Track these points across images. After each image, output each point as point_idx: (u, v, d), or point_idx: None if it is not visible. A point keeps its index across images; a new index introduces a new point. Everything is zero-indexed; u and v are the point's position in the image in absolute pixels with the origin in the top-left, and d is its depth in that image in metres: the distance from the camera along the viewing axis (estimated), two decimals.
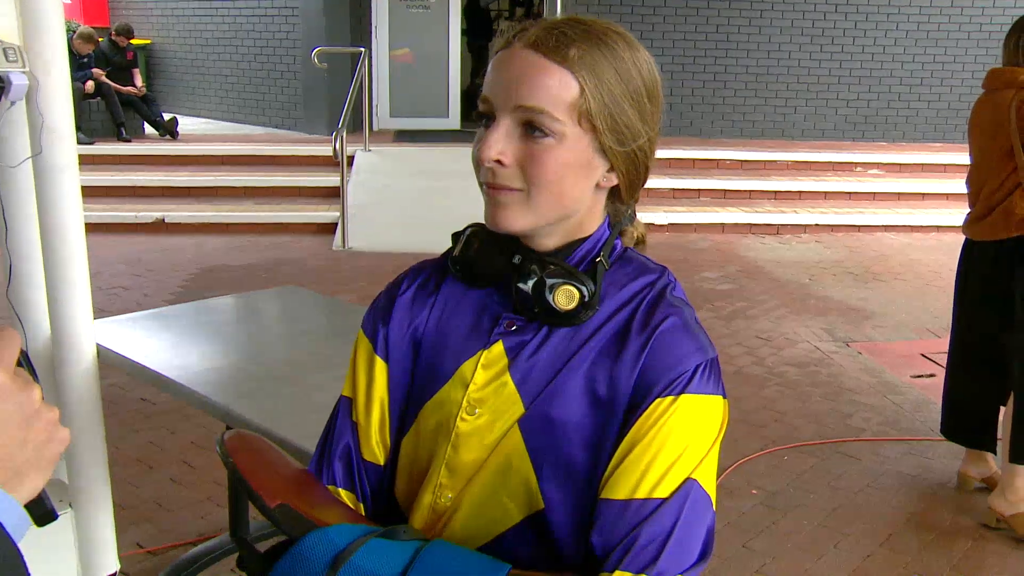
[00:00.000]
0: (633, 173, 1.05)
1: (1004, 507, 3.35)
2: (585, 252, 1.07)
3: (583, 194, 1.03)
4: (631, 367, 1.01)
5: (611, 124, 1.00)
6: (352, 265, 6.95)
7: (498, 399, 1.05)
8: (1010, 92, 3.26)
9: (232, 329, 3.10)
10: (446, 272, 1.14)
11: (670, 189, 8.76)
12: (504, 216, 1.02)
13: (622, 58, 1.01)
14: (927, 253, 7.79)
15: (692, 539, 0.96)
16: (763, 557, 3.16)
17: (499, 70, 1.01)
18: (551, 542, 1.04)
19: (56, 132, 2.31)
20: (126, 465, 3.65)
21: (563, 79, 0.98)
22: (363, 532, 0.97)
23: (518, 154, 0.99)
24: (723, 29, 10.51)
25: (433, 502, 1.08)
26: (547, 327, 1.05)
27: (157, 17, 12.17)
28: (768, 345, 5.36)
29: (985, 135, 3.38)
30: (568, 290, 1.02)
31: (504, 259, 1.07)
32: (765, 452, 3.94)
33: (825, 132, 10.80)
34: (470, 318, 1.10)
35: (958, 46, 10.74)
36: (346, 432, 1.13)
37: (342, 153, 7.35)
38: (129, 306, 5.60)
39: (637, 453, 0.98)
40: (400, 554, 0.95)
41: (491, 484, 1.05)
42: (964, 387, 3.60)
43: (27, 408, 0.74)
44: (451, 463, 1.07)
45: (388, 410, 1.13)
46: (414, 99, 10.43)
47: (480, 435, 1.05)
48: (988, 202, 3.36)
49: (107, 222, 7.53)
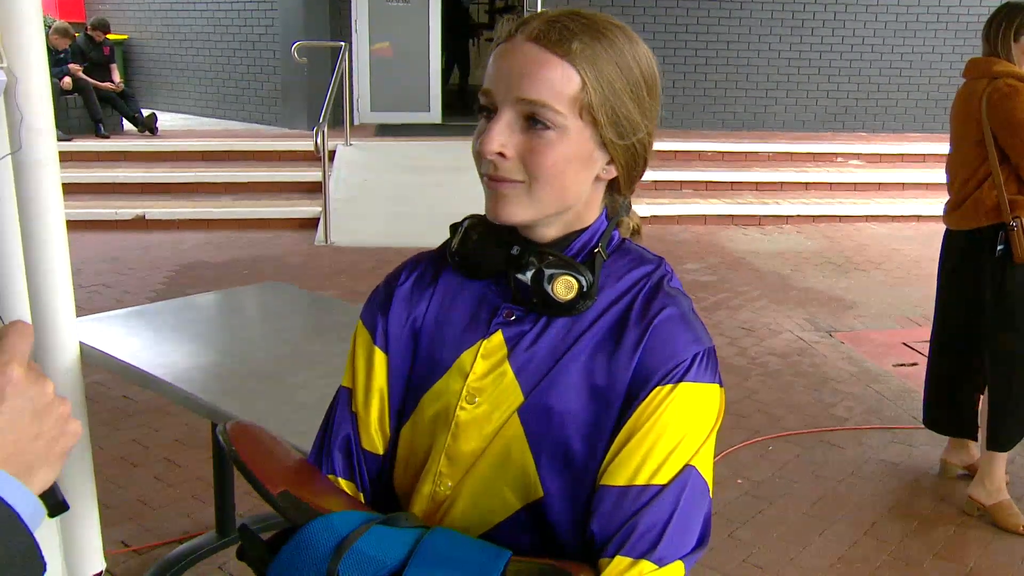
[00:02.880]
0: (632, 166, 1.07)
1: (983, 496, 3.38)
2: (583, 243, 1.08)
3: (583, 186, 1.05)
4: (629, 357, 1.02)
5: (612, 117, 1.01)
6: (335, 260, 6.93)
7: (497, 389, 1.06)
8: (983, 82, 3.28)
9: (215, 326, 3.08)
10: (444, 264, 1.15)
11: (652, 181, 8.77)
12: (505, 208, 1.03)
13: (622, 52, 1.02)
14: (907, 243, 7.85)
15: (691, 525, 0.99)
16: (749, 547, 3.18)
17: (501, 63, 1.01)
18: (549, 531, 1.05)
19: (36, 128, 2.29)
20: (110, 464, 3.63)
21: (565, 72, 0.99)
22: (365, 519, 0.98)
23: (519, 147, 1.00)
24: (703, 21, 10.53)
25: (433, 491, 1.08)
26: (546, 317, 1.06)
27: (134, 11, 12.07)
28: (751, 336, 5.38)
29: (960, 124, 3.41)
30: (567, 280, 1.03)
31: (503, 250, 1.08)
32: (750, 442, 3.96)
33: (806, 123, 10.84)
34: (469, 309, 1.11)
35: (936, 37, 10.80)
36: (345, 422, 1.14)
37: (323, 148, 7.32)
38: (109, 304, 5.56)
39: (636, 441, 0.99)
40: (402, 541, 0.96)
41: (490, 473, 1.06)
42: (944, 376, 3.63)
43: (39, 401, 0.75)
44: (451, 452, 1.07)
45: (388, 401, 1.13)
46: (395, 93, 10.40)
47: (479, 425, 1.06)
48: (961, 191, 3.39)
49: (86, 219, 7.46)
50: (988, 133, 3.25)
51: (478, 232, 1.10)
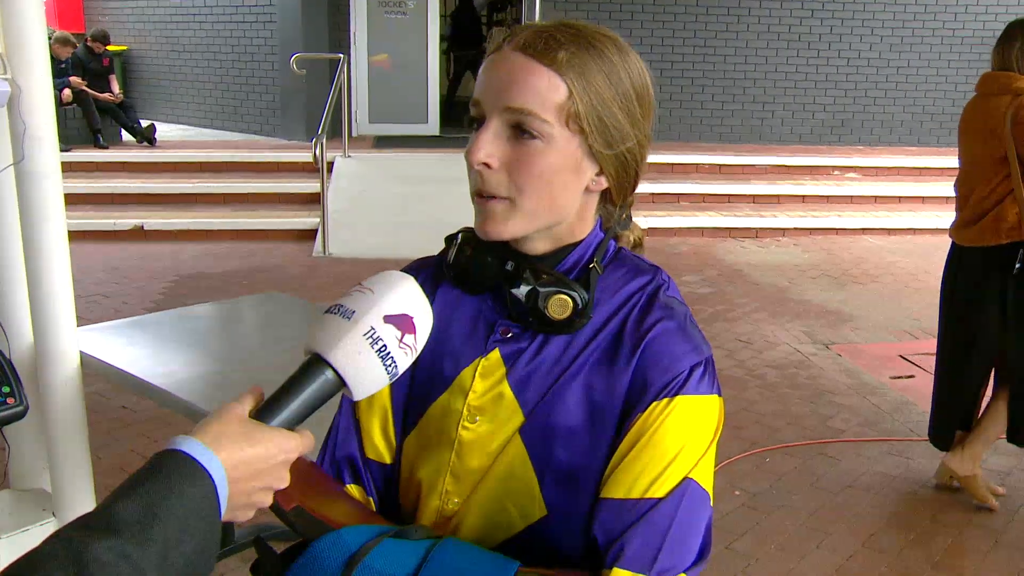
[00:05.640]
0: (623, 176, 1.05)
1: (959, 467, 3.46)
2: (578, 257, 1.07)
3: (572, 197, 1.03)
4: (625, 372, 1.01)
5: (599, 126, 1.00)
6: (333, 271, 6.93)
7: (497, 408, 1.05)
8: (1006, 98, 3.23)
9: (215, 336, 3.09)
10: (442, 276, 1.14)
11: (649, 193, 8.80)
12: (494, 226, 1.02)
13: (611, 61, 1.01)
14: (904, 256, 7.87)
15: (690, 538, 0.98)
16: (747, 558, 3.18)
17: (489, 73, 1.01)
18: (555, 549, 1.04)
19: (38, 139, 2.30)
20: (108, 473, 3.62)
21: (551, 81, 0.98)
22: (376, 533, 0.99)
23: (506, 157, 0.99)
24: (701, 34, 10.58)
25: (441, 507, 1.08)
26: (543, 335, 1.05)
27: (133, 23, 12.10)
28: (748, 348, 5.39)
29: (977, 140, 3.35)
30: (561, 299, 1.02)
31: (497, 265, 1.07)
32: (747, 454, 3.97)
33: (803, 136, 10.88)
34: (466, 324, 1.10)
35: (932, 51, 10.86)
36: (350, 432, 1.14)
37: (322, 159, 7.34)
38: (108, 314, 5.56)
39: (634, 454, 0.99)
40: (412, 554, 0.96)
41: (496, 491, 1.05)
42: (952, 390, 3.60)
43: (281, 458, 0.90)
44: (455, 470, 1.07)
45: (391, 413, 1.13)
46: (393, 105, 10.43)
47: (482, 443, 1.06)
48: (978, 208, 3.34)
49: (85, 229, 7.46)
50: (1012, 150, 3.19)
51: (471, 247, 1.09)
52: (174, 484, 0.79)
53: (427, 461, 1.10)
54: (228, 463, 0.84)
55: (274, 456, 0.88)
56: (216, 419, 0.88)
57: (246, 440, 0.86)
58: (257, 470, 0.87)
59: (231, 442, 0.85)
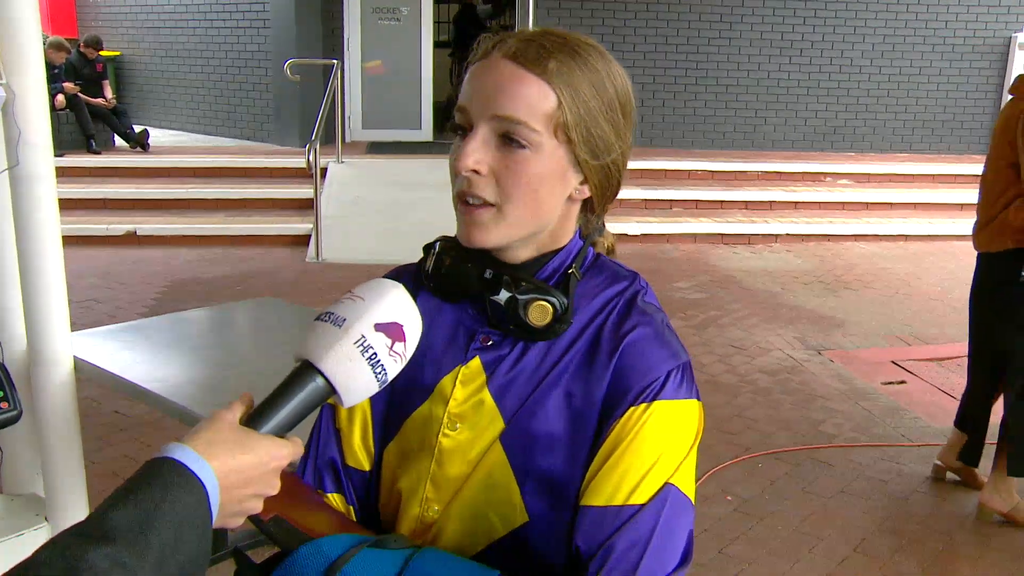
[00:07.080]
0: (606, 186, 1.06)
1: (999, 504, 3.40)
2: (557, 264, 1.07)
3: (556, 205, 1.04)
4: (603, 377, 1.01)
5: (586, 137, 1.01)
6: (326, 276, 6.94)
7: (477, 415, 1.05)
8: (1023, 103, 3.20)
9: (208, 341, 3.09)
10: (420, 285, 1.13)
11: (642, 200, 8.82)
12: (478, 234, 1.02)
13: (597, 71, 1.01)
14: (895, 262, 7.90)
15: (672, 544, 0.97)
16: (739, 563, 3.19)
17: (477, 80, 1.01)
18: (536, 556, 1.04)
19: (33, 144, 2.30)
20: (101, 478, 3.62)
21: (541, 90, 0.98)
22: (354, 543, 0.98)
23: (493, 164, 1.00)
24: (693, 41, 10.61)
25: (421, 514, 1.08)
26: (523, 342, 1.06)
27: (127, 28, 12.09)
28: (741, 353, 5.41)
29: (996, 143, 3.33)
30: (541, 306, 1.02)
31: (476, 273, 1.07)
32: (739, 459, 3.98)
33: (795, 143, 10.92)
34: (446, 333, 1.10)
35: (924, 59, 10.91)
36: (330, 439, 1.14)
37: (315, 165, 7.34)
38: (102, 319, 5.55)
39: (613, 461, 0.99)
40: (391, 563, 0.96)
41: (476, 498, 1.05)
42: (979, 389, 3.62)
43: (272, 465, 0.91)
44: (436, 478, 1.07)
45: (371, 420, 1.13)
46: (387, 111, 10.44)
47: (463, 451, 1.06)
48: (988, 211, 3.34)
49: (78, 234, 7.45)
50: (1023, 154, 3.17)
51: (451, 256, 1.09)
52: (168, 492, 0.80)
53: (408, 469, 1.10)
54: (220, 471, 0.84)
55: (266, 463, 0.89)
56: (207, 426, 0.88)
57: (238, 447, 0.87)
58: (249, 477, 0.87)
59: (223, 450, 0.86)
